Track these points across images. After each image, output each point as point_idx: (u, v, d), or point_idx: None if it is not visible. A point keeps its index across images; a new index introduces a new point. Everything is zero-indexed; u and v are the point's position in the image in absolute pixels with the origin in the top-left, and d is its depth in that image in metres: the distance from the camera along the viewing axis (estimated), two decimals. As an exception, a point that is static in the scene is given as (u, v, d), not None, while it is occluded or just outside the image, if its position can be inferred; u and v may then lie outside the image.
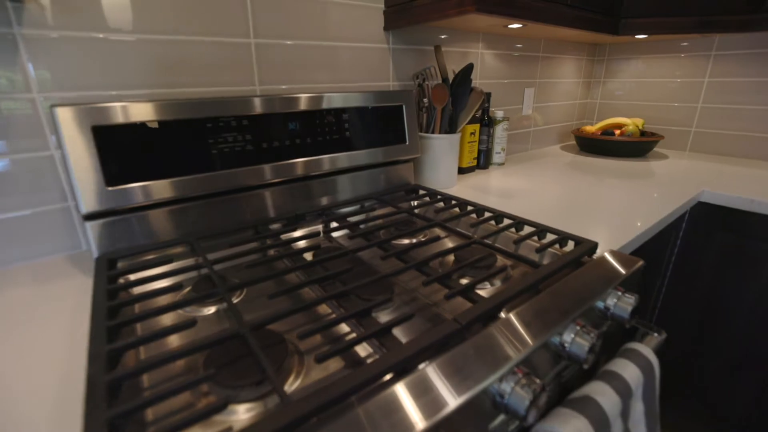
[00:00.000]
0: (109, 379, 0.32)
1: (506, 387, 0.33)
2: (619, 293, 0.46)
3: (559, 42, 1.38)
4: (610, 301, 0.46)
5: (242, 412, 0.36)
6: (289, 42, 0.75)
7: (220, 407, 0.31)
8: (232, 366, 0.38)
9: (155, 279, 0.50)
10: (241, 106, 0.63)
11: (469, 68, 0.88)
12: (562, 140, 1.60)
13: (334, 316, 0.47)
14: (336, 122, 0.74)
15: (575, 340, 0.39)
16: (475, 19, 0.82)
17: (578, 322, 0.40)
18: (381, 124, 0.81)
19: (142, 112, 0.54)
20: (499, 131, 1.16)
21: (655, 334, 0.50)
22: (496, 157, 1.19)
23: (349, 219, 0.73)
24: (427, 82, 0.91)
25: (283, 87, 0.77)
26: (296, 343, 0.43)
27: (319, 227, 0.73)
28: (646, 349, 0.47)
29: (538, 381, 0.33)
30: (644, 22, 1.02)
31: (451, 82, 0.90)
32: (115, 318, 0.41)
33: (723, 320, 1.00)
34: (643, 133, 1.36)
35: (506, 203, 0.84)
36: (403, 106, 0.83)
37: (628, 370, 0.43)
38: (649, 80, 1.46)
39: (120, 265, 0.55)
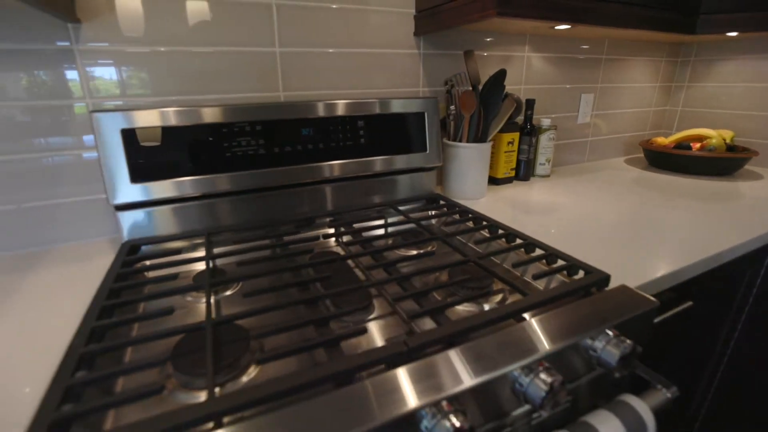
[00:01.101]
0: (82, 352, 0.37)
1: (430, 422, 0.31)
2: (611, 335, 0.40)
3: (629, 42, 1.23)
4: (599, 344, 0.40)
5: (203, 398, 0.39)
6: (313, 50, 0.78)
7: (157, 391, 0.34)
8: (194, 355, 0.41)
9: (165, 266, 0.56)
10: (257, 113, 0.67)
11: (501, 74, 0.82)
12: (630, 152, 1.42)
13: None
14: (352, 128, 0.75)
15: (533, 381, 0.35)
16: (507, 21, 0.77)
17: (541, 362, 0.36)
18: (401, 131, 0.80)
19: (164, 117, 0.61)
20: (544, 141, 1.07)
21: (664, 389, 0.43)
22: (540, 169, 1.10)
23: (354, 225, 0.74)
24: (456, 89, 0.88)
25: (305, 93, 0.80)
26: (262, 342, 0.46)
27: (323, 232, 0.74)
28: (641, 405, 0.40)
29: (466, 424, 0.31)
30: (729, 18, 0.86)
31: (481, 88, 0.85)
32: (113, 299, 0.47)
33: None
34: (731, 148, 1.15)
35: (536, 220, 0.78)
36: (425, 114, 0.81)
37: (606, 425, 0.37)
38: (747, 85, 1.23)
39: (142, 250, 0.63)
